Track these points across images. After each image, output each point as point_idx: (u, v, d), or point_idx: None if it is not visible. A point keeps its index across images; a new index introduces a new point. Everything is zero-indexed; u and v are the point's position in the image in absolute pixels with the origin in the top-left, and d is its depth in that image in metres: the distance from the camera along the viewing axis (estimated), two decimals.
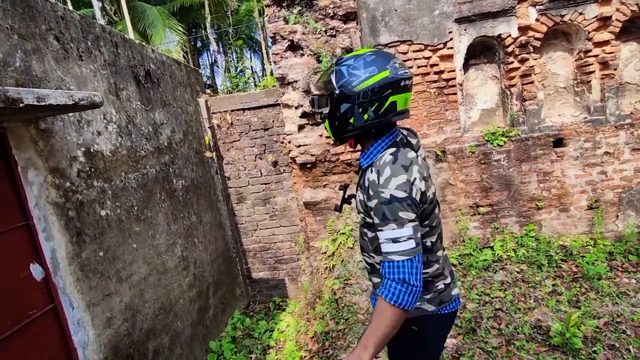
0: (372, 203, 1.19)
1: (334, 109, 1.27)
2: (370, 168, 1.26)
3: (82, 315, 2.38)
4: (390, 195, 1.14)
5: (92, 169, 2.58)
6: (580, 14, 3.83)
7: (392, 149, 1.24)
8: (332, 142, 1.38)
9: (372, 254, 1.39)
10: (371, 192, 1.20)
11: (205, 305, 4.05)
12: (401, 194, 1.14)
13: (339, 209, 1.59)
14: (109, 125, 2.80)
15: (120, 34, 3.11)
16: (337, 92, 1.24)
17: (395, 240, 1.14)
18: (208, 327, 4.07)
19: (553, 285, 3.48)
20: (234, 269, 4.91)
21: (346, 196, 1.58)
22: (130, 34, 8.48)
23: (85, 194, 2.49)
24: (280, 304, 4.94)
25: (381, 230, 1.16)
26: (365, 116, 1.23)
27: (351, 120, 1.25)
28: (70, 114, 2.41)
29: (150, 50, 3.62)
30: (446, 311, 1.41)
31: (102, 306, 2.55)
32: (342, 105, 1.24)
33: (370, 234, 1.36)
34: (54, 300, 2.24)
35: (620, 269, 3.60)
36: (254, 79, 17.06)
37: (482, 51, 4.21)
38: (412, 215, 1.15)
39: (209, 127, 4.52)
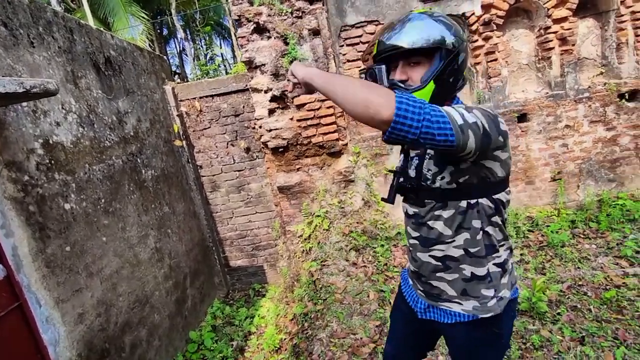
0: None
1: (448, 63, 1.10)
2: None
3: (50, 312, 2.31)
4: (493, 114, 1.07)
5: (53, 162, 2.48)
6: None
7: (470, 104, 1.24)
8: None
9: (448, 241, 1.20)
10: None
11: (182, 296, 4.01)
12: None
13: (390, 199, 1.30)
14: (68, 115, 2.68)
15: (74, 19, 2.96)
16: (455, 40, 1.10)
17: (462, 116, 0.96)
18: (187, 318, 4.04)
19: (521, 254, 3.64)
20: (211, 258, 4.87)
21: (396, 182, 1.31)
22: (90, 22, 8.07)
23: (46, 188, 2.39)
24: (260, 290, 4.95)
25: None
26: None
27: (465, 73, 1.19)
28: (24, 104, 2.29)
29: (109, 37, 3.46)
30: (516, 295, 1.29)
31: (73, 302, 2.48)
32: (460, 55, 1.12)
33: (447, 213, 1.18)
34: (19, 299, 2.16)
35: (582, 236, 3.80)
36: (225, 66, 16.69)
37: None
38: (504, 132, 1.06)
39: (177, 115, 4.41)
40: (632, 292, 2.87)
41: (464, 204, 1.16)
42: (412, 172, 1.26)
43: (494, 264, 1.22)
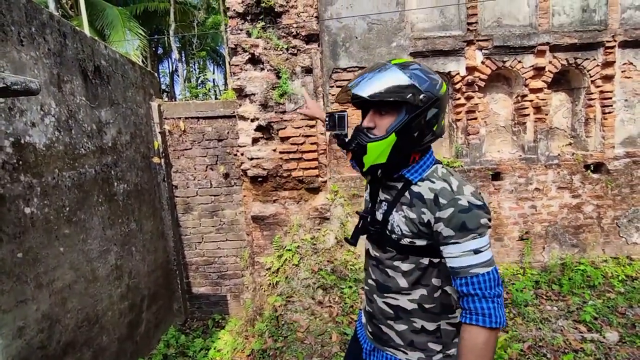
0: (445, 213, 1.06)
1: (414, 118, 1.10)
2: (420, 182, 1.15)
3: None
4: (469, 202, 1.04)
5: (21, 162, 2.38)
6: (519, 62, 4.23)
7: (440, 165, 1.19)
8: (372, 168, 1.19)
9: (403, 293, 1.20)
10: (442, 202, 1.07)
11: (137, 319, 3.78)
12: (478, 202, 1.06)
13: (354, 241, 1.32)
14: (45, 118, 2.62)
15: (69, 25, 2.96)
16: (423, 96, 1.08)
17: (477, 252, 1.03)
18: (138, 343, 3.79)
19: None
20: (173, 282, 4.66)
21: (361, 225, 1.33)
22: (86, 31, 8.09)
23: (8, 188, 2.28)
24: (220, 321, 4.73)
25: (457, 242, 1.04)
26: (443, 122, 1.18)
27: (435, 128, 1.14)
28: (1, 100, 2.23)
29: (102, 46, 3.47)
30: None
31: (15, 313, 2.30)
32: (429, 111, 1.10)
33: (406, 266, 1.18)
34: None
35: (545, 297, 3.87)
36: (215, 92, 16.88)
37: None
38: (489, 223, 1.07)
39: (159, 132, 4.36)
40: (589, 357, 2.91)
41: (425, 260, 1.15)
42: (379, 216, 1.25)
43: (447, 322, 1.21)
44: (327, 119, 1.22)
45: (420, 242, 1.13)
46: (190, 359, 4.01)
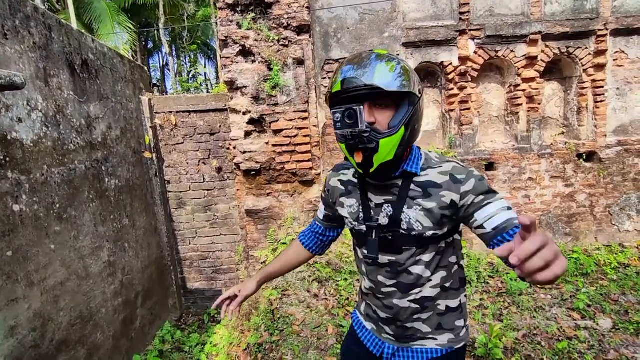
0: (469, 185, 1.07)
1: (414, 112, 1.07)
2: (422, 172, 1.14)
3: None
4: (476, 173, 1.10)
5: (7, 159, 2.33)
6: (512, 51, 4.21)
7: (423, 150, 1.21)
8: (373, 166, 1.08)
9: (426, 283, 1.19)
10: (461, 177, 1.08)
11: (131, 316, 3.76)
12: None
13: (376, 255, 1.20)
14: (32, 113, 2.56)
15: (55, 17, 2.89)
16: (420, 87, 1.10)
17: (509, 208, 1.03)
18: (133, 340, 3.77)
19: (480, 299, 3.68)
20: (168, 278, 4.64)
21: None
22: (74, 25, 7.93)
23: None
24: (216, 316, 4.72)
25: (491, 202, 1.04)
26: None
27: (423, 121, 1.18)
28: None
29: (90, 40, 3.40)
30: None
31: (5, 312, 2.26)
32: (421, 104, 1.12)
33: (427, 256, 1.16)
34: None
35: (539, 286, 3.89)
36: (207, 85, 16.72)
37: (426, 76, 4.46)
38: None
39: (150, 127, 4.30)
40: (583, 344, 2.94)
41: (443, 244, 1.17)
42: (383, 220, 1.18)
43: (464, 295, 1.27)
44: (340, 115, 1.05)
45: (442, 231, 1.13)
46: (186, 354, 4.00)
